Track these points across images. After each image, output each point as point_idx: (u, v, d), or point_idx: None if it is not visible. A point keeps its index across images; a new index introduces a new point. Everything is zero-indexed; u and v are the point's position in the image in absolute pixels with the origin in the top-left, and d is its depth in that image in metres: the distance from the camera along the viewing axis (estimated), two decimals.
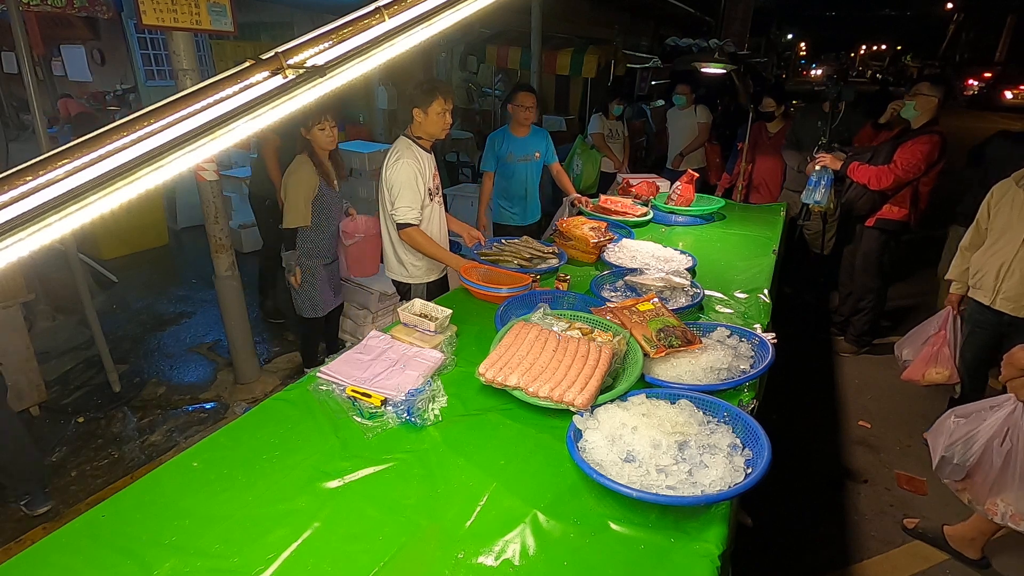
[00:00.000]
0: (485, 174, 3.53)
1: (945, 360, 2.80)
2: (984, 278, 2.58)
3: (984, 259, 2.59)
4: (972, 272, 2.66)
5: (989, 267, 2.56)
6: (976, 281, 2.63)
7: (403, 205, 2.43)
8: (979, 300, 2.63)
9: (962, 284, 2.76)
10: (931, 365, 2.82)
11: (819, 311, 4.43)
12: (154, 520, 1.21)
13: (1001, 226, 2.53)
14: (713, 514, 1.24)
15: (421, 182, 2.47)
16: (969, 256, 2.70)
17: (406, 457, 1.41)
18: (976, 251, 2.67)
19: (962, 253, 2.75)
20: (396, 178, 2.43)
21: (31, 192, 0.54)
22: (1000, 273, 2.51)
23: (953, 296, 2.82)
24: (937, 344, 2.83)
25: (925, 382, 2.85)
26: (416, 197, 2.45)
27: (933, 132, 3.25)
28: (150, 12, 2.47)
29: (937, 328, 2.86)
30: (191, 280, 4.86)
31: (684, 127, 5.50)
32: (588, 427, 1.44)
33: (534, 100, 3.36)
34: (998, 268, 2.51)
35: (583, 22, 8.06)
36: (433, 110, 2.44)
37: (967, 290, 2.73)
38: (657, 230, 3.32)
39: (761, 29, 19.50)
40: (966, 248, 2.73)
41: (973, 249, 2.69)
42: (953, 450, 2.01)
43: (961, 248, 2.75)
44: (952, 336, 2.81)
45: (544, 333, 1.74)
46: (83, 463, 2.74)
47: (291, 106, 0.68)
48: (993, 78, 21.29)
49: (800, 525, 2.46)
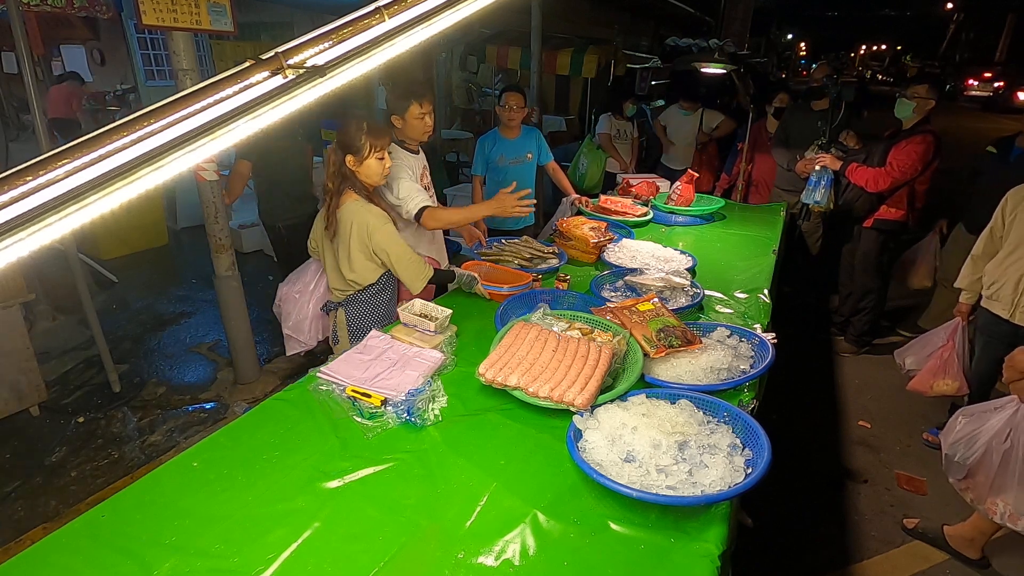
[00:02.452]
0: (475, 178, 3.41)
1: (954, 372, 2.70)
2: (1002, 290, 2.44)
3: (1001, 270, 2.45)
4: (987, 283, 2.52)
5: (1008, 278, 2.42)
6: (992, 292, 2.49)
7: (405, 195, 2.32)
8: (996, 312, 2.48)
9: (973, 293, 2.64)
10: (939, 376, 2.73)
11: (819, 311, 4.43)
12: (154, 520, 1.21)
13: (1019, 235, 2.40)
14: (713, 514, 1.24)
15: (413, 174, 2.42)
16: (982, 265, 2.57)
17: (406, 457, 1.41)
18: (989, 260, 2.53)
19: (974, 261, 2.61)
20: (389, 175, 2.39)
21: (31, 192, 0.54)
22: (1019, 286, 2.38)
23: (963, 306, 2.71)
24: (946, 355, 2.73)
25: (933, 393, 2.77)
26: (413, 184, 2.36)
27: (926, 132, 3.25)
28: (150, 12, 2.47)
29: (945, 339, 2.75)
30: (191, 280, 4.86)
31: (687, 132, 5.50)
32: (588, 427, 1.44)
33: (522, 100, 3.25)
34: (1017, 280, 2.38)
35: (583, 22, 8.05)
36: (411, 114, 2.36)
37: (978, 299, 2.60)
38: (657, 230, 3.32)
39: (761, 29, 19.49)
40: (978, 257, 2.59)
41: (986, 258, 2.55)
42: (956, 448, 2.02)
43: (973, 256, 2.62)
44: (961, 347, 2.71)
45: (544, 333, 1.74)
46: (83, 463, 2.74)
47: (291, 106, 0.67)
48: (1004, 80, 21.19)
49: (800, 525, 2.46)
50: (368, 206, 2.08)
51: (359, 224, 2.06)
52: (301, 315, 2.44)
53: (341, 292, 2.23)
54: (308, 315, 2.43)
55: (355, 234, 2.07)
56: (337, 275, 2.21)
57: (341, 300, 2.24)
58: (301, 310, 2.45)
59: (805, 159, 3.78)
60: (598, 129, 5.42)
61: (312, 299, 2.44)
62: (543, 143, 3.49)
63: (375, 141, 2.05)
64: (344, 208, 2.08)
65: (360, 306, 2.23)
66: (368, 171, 2.09)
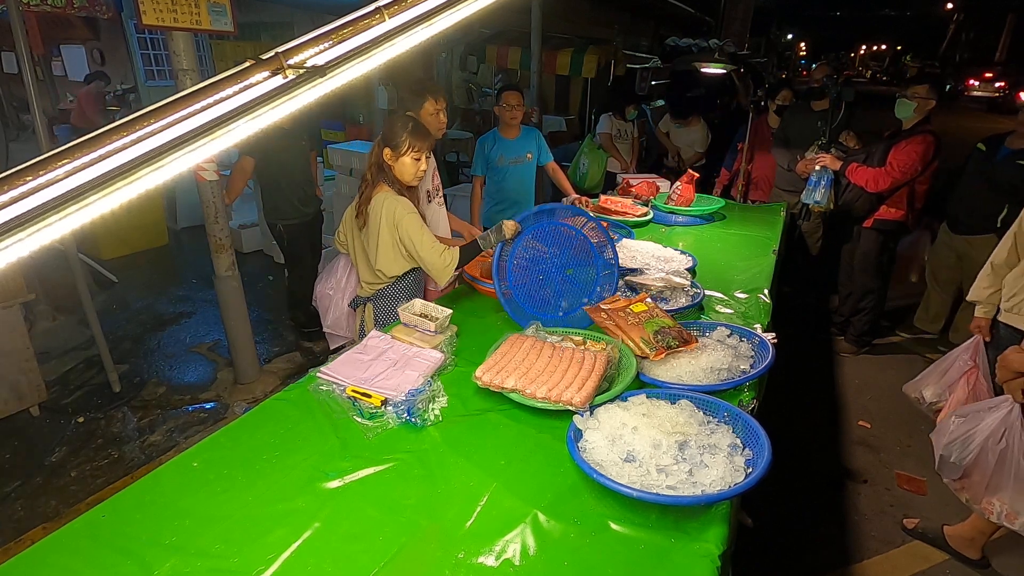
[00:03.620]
0: (475, 179, 3.42)
1: (984, 395, 2.38)
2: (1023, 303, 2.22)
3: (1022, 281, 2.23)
4: (1007, 294, 2.28)
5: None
6: (1013, 305, 2.25)
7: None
8: (1016, 326, 2.24)
9: (991, 306, 2.38)
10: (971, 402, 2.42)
11: (819, 311, 4.43)
12: (154, 520, 1.21)
13: None
14: (713, 514, 1.24)
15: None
16: (1003, 274, 2.32)
17: (406, 457, 1.41)
18: (1010, 270, 2.29)
19: (994, 270, 2.35)
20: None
21: (31, 192, 0.54)
22: None
23: (982, 321, 2.41)
24: (972, 380, 2.42)
25: None
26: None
27: (926, 132, 3.25)
28: (150, 12, 2.47)
29: (969, 362, 2.43)
30: (191, 280, 4.86)
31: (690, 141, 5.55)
32: (588, 427, 1.44)
33: (520, 99, 3.25)
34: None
35: (583, 22, 8.06)
36: (425, 111, 2.43)
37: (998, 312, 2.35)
38: (657, 230, 3.32)
39: (761, 29, 19.50)
40: (999, 265, 2.33)
41: (1008, 267, 2.31)
42: (951, 449, 2.01)
43: (993, 264, 2.36)
44: (986, 368, 2.41)
45: (539, 344, 1.74)
46: (83, 463, 2.74)
47: (291, 106, 0.68)
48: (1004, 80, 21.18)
49: (800, 525, 2.46)
50: (397, 197, 2.13)
51: (388, 212, 2.10)
52: (338, 311, 2.47)
53: (370, 286, 2.26)
54: (343, 311, 2.46)
55: (384, 223, 2.11)
56: (367, 267, 2.24)
57: (370, 295, 2.26)
58: (337, 307, 2.48)
59: (805, 159, 3.78)
60: (599, 129, 5.42)
61: (345, 295, 2.47)
62: (543, 143, 3.49)
63: (414, 141, 2.11)
64: (375, 198, 2.13)
65: (388, 301, 2.24)
66: (402, 168, 2.14)
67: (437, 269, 2.10)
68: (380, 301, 2.25)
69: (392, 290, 2.24)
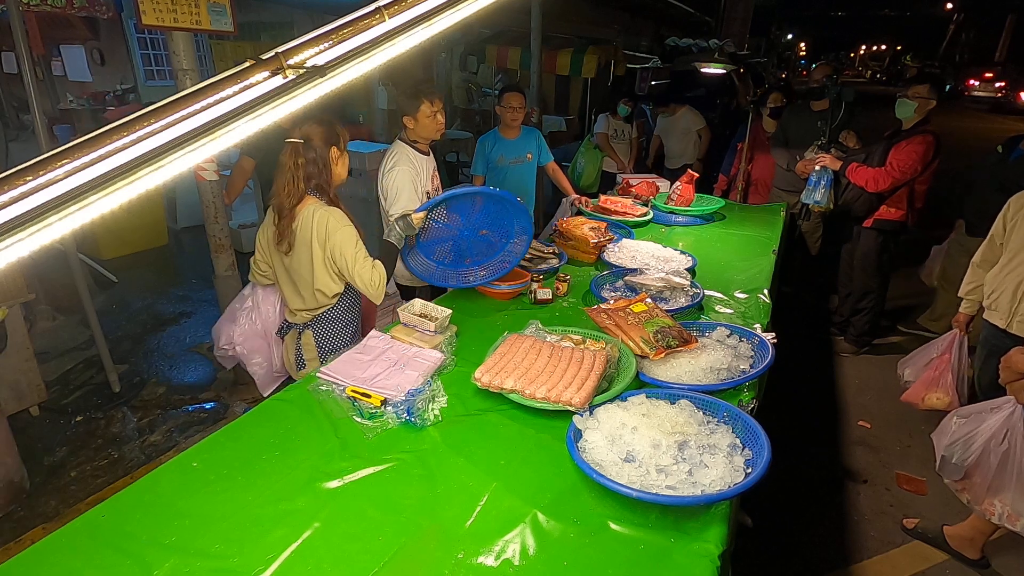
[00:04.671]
0: (475, 179, 3.43)
1: (947, 386, 2.61)
2: (1000, 299, 2.33)
3: (1000, 278, 2.34)
4: (987, 292, 2.41)
5: (1005, 287, 2.31)
6: (991, 302, 2.38)
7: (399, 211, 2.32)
8: (994, 323, 2.37)
9: (972, 303, 2.54)
10: (932, 390, 2.66)
11: (819, 311, 4.43)
12: (154, 520, 1.21)
13: (1018, 242, 2.30)
14: (713, 514, 1.24)
15: (419, 186, 2.46)
16: (982, 273, 2.46)
17: (406, 457, 1.41)
18: (990, 268, 2.43)
19: (974, 269, 2.51)
20: (392, 185, 2.42)
21: (31, 192, 0.54)
22: (1017, 294, 2.26)
23: (962, 316, 2.58)
24: (940, 368, 2.63)
25: (924, 406, 2.70)
26: (413, 203, 2.38)
27: (926, 132, 3.25)
28: (150, 12, 2.47)
29: (940, 351, 2.66)
30: (191, 280, 4.86)
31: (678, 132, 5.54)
32: (588, 427, 1.44)
33: (522, 100, 3.25)
34: (1015, 288, 2.27)
35: (583, 22, 8.05)
36: (422, 114, 2.41)
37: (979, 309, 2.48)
38: (657, 230, 3.32)
39: (761, 29, 19.49)
40: (978, 264, 2.48)
41: (987, 266, 2.45)
42: (952, 450, 2.01)
43: (973, 264, 2.51)
44: (957, 361, 2.60)
45: (538, 343, 1.74)
46: (83, 463, 2.74)
47: (291, 106, 0.68)
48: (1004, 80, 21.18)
49: (800, 525, 2.46)
50: (328, 208, 1.91)
51: (318, 224, 1.87)
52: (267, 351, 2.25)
53: (308, 312, 2.03)
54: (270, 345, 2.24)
55: (315, 238, 1.88)
56: (296, 296, 2.02)
57: (308, 320, 2.04)
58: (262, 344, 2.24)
59: (805, 159, 3.78)
60: (595, 129, 5.44)
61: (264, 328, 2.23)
62: (543, 143, 3.49)
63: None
64: (301, 214, 1.90)
65: (330, 324, 2.04)
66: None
67: (374, 287, 1.91)
68: (321, 326, 2.03)
69: (334, 312, 2.03)
